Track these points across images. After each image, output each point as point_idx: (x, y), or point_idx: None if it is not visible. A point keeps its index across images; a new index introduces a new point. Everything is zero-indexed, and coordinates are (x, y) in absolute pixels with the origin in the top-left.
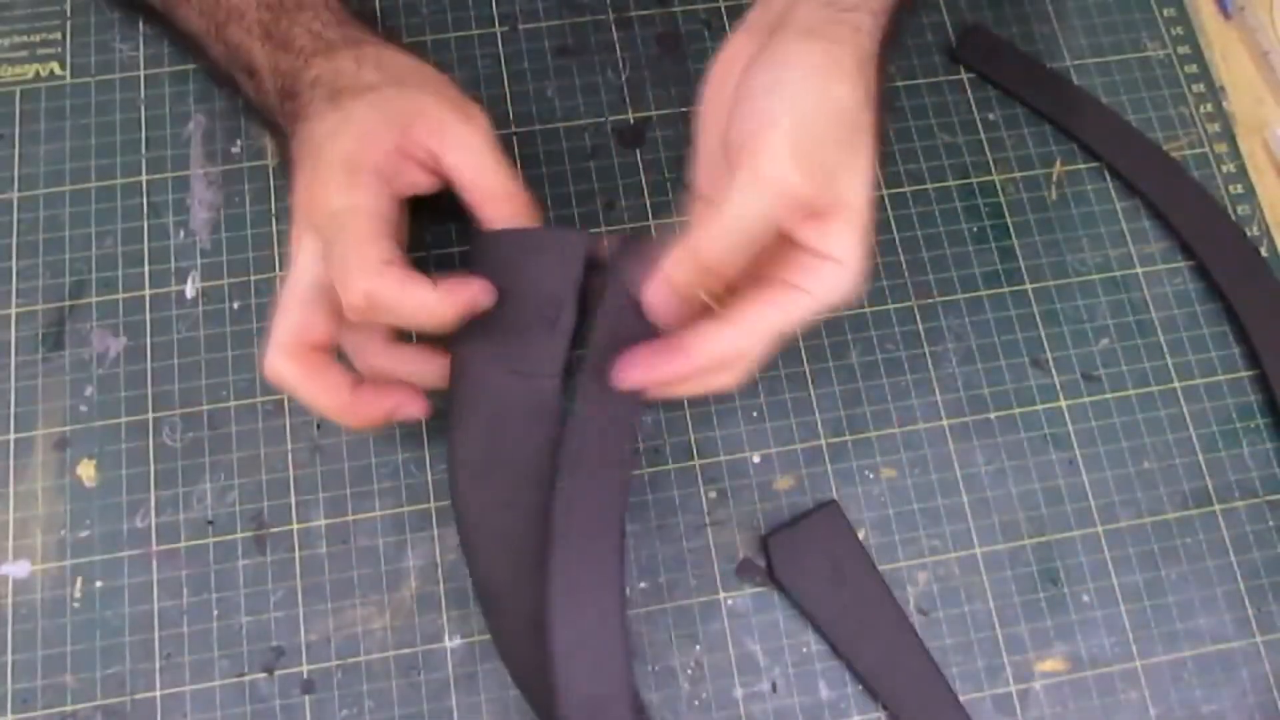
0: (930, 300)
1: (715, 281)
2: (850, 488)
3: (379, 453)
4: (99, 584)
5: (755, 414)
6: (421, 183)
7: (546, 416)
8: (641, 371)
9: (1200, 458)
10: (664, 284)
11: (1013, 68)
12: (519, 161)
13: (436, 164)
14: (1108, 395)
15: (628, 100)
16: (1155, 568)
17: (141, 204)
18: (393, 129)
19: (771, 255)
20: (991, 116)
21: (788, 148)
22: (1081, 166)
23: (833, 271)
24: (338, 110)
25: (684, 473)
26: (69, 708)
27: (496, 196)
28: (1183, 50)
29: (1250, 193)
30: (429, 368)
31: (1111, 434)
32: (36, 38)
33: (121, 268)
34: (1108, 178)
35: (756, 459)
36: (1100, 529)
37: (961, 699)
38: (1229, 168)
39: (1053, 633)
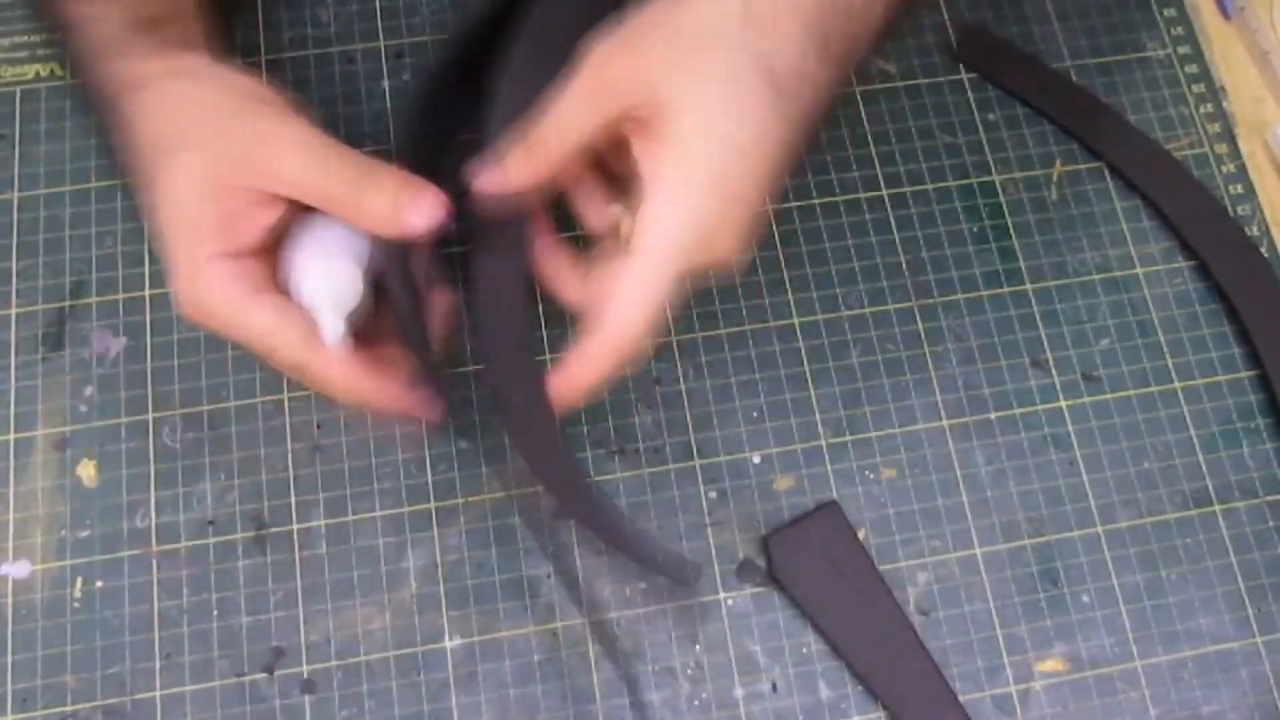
0: (930, 300)
1: (542, 166)
2: (850, 488)
3: (379, 453)
4: (99, 584)
5: (755, 414)
6: (268, 219)
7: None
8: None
9: (1200, 458)
10: (497, 169)
11: (1014, 68)
12: None
13: (275, 184)
14: (1108, 395)
15: None
16: (1155, 568)
17: (141, 204)
18: (220, 199)
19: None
20: (991, 116)
21: (614, 33)
22: (1081, 166)
23: (656, 203)
24: (164, 176)
25: (684, 473)
26: (69, 708)
27: (335, 193)
28: (1183, 50)
29: (1250, 193)
30: None
31: (1111, 434)
32: (36, 38)
33: (121, 268)
34: (1108, 178)
35: (756, 459)
36: (1100, 529)
37: (961, 699)
38: (1229, 168)
39: (1053, 633)
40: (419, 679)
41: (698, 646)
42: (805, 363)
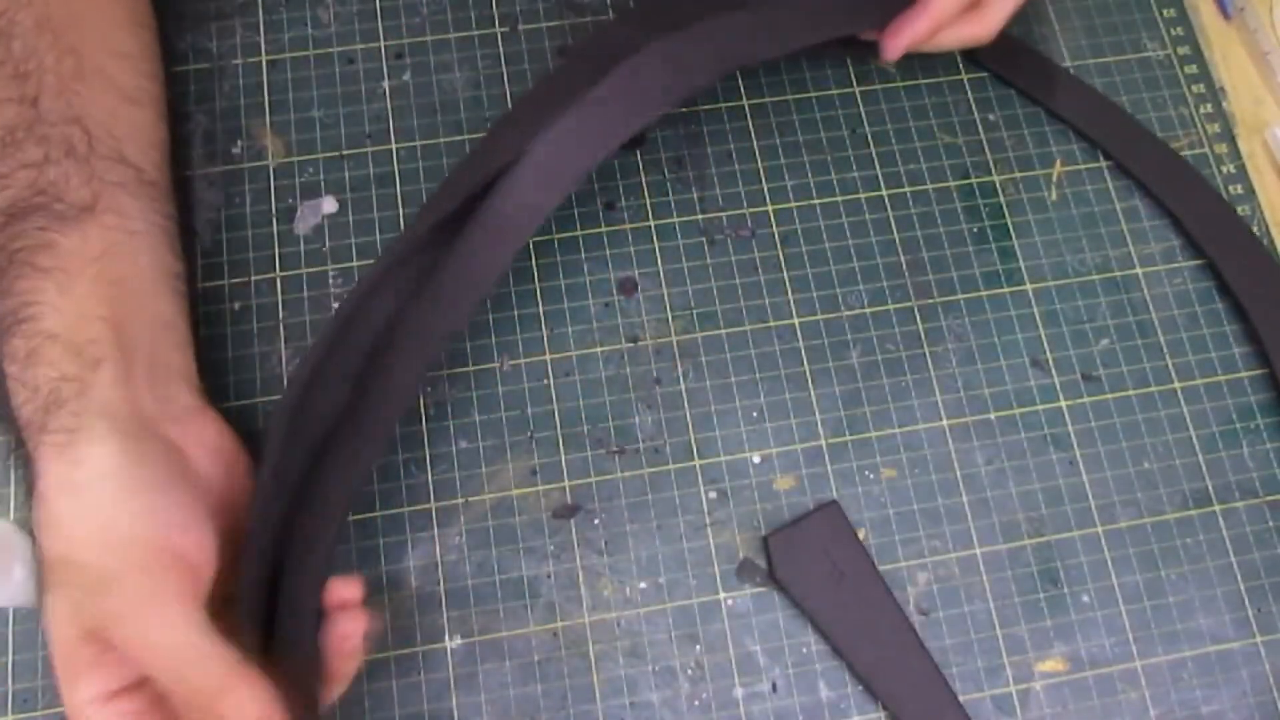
0: (930, 300)
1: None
2: (850, 488)
3: None
4: None
5: (755, 414)
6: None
7: None
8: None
9: (1200, 458)
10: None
11: (1032, 71)
12: None
13: (136, 659)
14: (1108, 395)
15: None
16: (1155, 568)
17: None
18: (91, 642)
19: None
20: (991, 116)
21: None
22: (1081, 167)
23: None
24: (48, 598)
25: (684, 473)
26: None
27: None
28: (1183, 50)
29: (1250, 193)
30: None
31: (1111, 434)
32: None
33: None
34: (1108, 178)
35: (756, 459)
36: (1100, 529)
37: (961, 699)
38: (1229, 168)
39: (1053, 633)
40: (419, 679)
41: (698, 646)
42: (805, 363)
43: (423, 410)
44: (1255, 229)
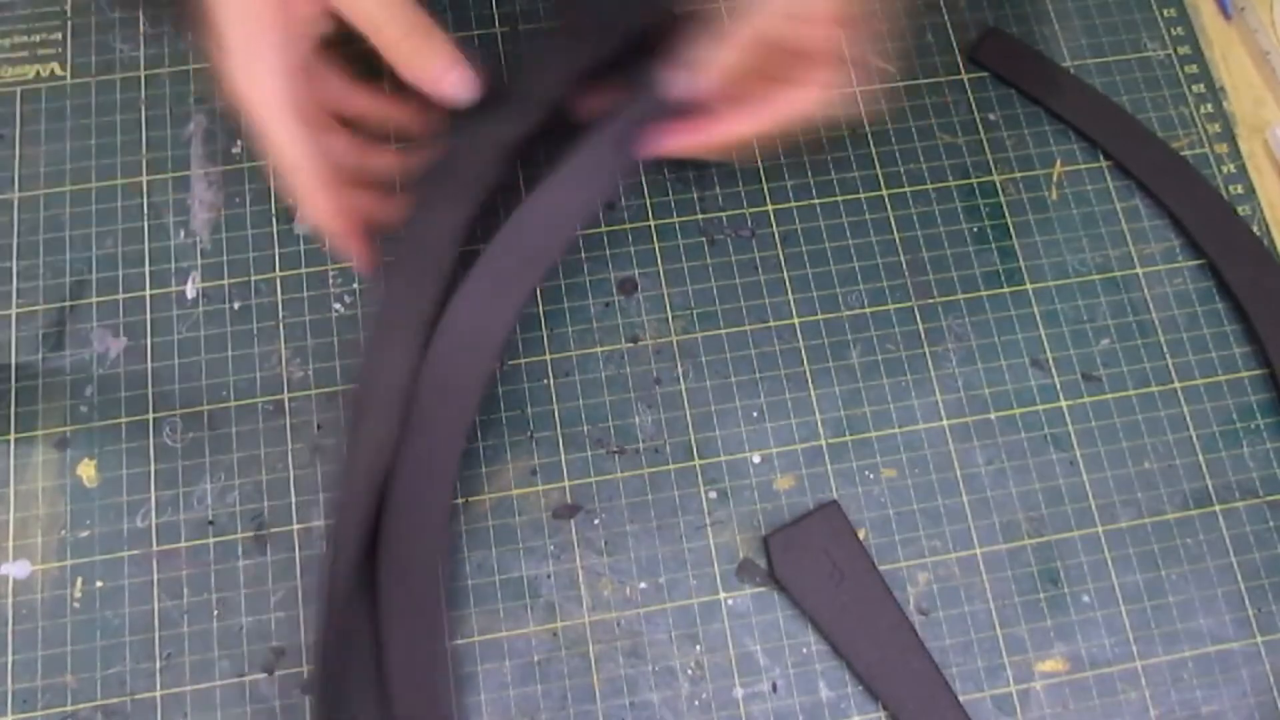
0: (930, 300)
1: (730, 69)
2: (850, 488)
3: None
4: (99, 584)
5: (755, 414)
6: (319, 29)
7: None
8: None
9: (1200, 458)
10: (689, 72)
11: (1032, 72)
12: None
13: (344, 3)
14: (1108, 395)
15: None
16: (1155, 568)
17: (142, 204)
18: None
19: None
20: (992, 116)
21: None
22: (1082, 166)
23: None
24: None
25: (684, 473)
26: (69, 708)
27: (392, 36)
28: (1183, 50)
29: (1250, 193)
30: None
31: (1111, 434)
32: (37, 38)
33: (122, 268)
34: (1108, 178)
35: (756, 459)
36: (1100, 529)
37: (961, 699)
38: (1229, 168)
39: (1053, 633)
40: None
41: (698, 646)
42: (805, 363)
43: None
44: (1255, 229)
